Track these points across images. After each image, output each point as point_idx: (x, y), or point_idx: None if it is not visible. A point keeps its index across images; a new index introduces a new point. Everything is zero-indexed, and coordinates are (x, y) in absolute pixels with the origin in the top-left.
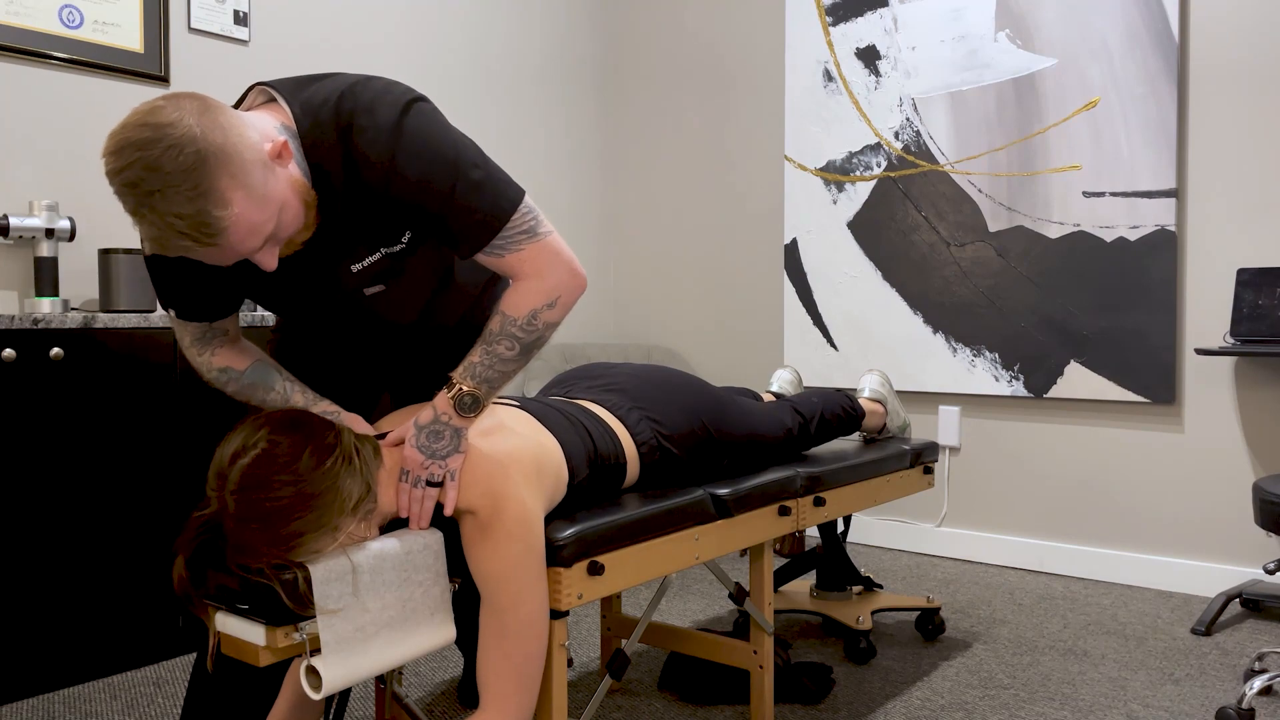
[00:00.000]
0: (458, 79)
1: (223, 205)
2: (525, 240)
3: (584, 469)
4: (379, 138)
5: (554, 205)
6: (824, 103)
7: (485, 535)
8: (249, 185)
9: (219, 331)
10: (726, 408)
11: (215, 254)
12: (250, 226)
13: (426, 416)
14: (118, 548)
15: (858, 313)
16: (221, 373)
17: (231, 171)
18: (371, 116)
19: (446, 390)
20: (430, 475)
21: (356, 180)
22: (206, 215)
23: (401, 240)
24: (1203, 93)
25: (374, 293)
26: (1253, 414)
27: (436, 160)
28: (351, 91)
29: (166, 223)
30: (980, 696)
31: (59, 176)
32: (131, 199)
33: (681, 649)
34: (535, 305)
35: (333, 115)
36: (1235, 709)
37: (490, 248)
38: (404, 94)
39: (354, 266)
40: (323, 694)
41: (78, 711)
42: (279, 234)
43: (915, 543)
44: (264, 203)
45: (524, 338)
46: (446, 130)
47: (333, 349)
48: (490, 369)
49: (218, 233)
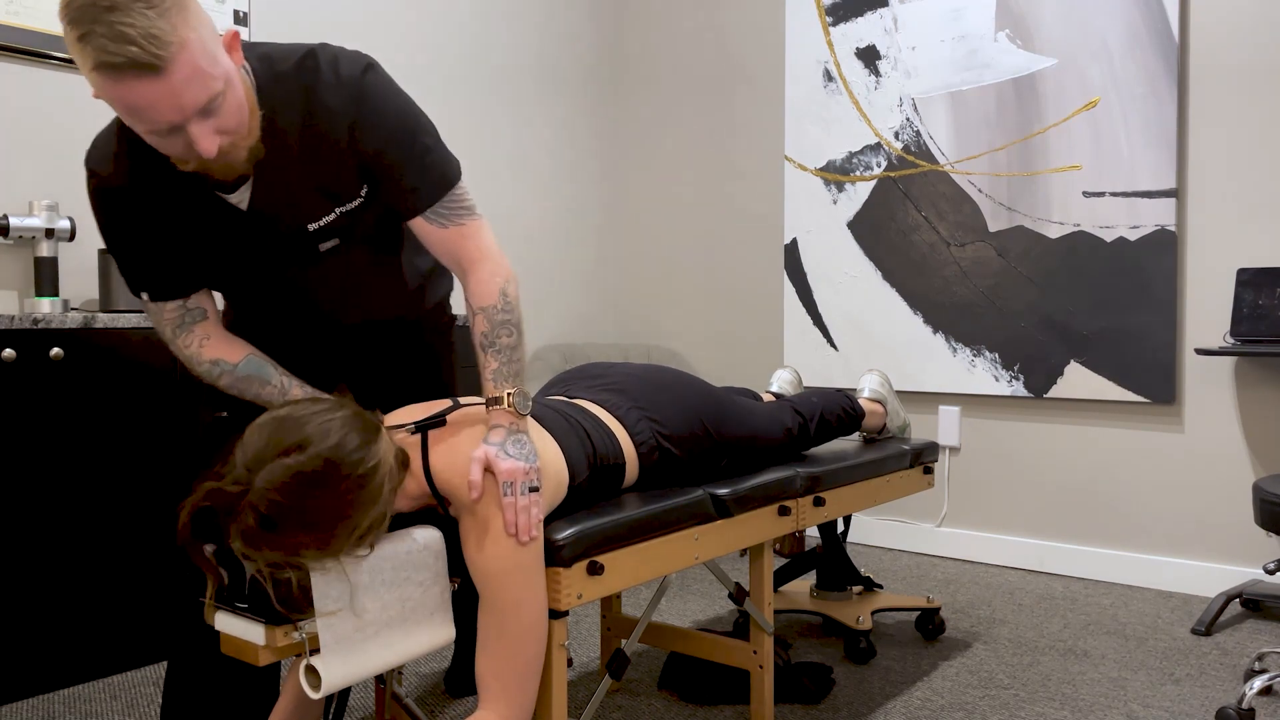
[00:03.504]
0: (458, 79)
1: (174, 32)
2: (466, 216)
3: (584, 471)
4: (343, 91)
5: (554, 205)
6: (824, 103)
7: (486, 535)
8: (201, 36)
9: (197, 314)
10: (726, 408)
11: (158, 95)
12: (196, 70)
13: (499, 434)
14: (117, 548)
15: (858, 313)
16: (214, 365)
17: (184, 15)
18: (335, 72)
19: (497, 404)
20: (532, 481)
21: (315, 133)
22: (158, 30)
23: (359, 194)
24: (1203, 93)
25: (328, 247)
26: (1253, 414)
27: (398, 116)
28: (313, 52)
29: (116, 31)
30: (980, 696)
31: (59, 176)
32: (83, 18)
33: (681, 649)
34: (500, 285)
35: (295, 69)
36: (1235, 709)
37: (435, 211)
38: (363, 57)
39: (310, 225)
40: (322, 693)
41: (78, 711)
42: (223, 118)
43: (915, 543)
44: (213, 60)
45: (510, 319)
46: (402, 93)
47: (289, 330)
48: (511, 364)
49: (165, 53)
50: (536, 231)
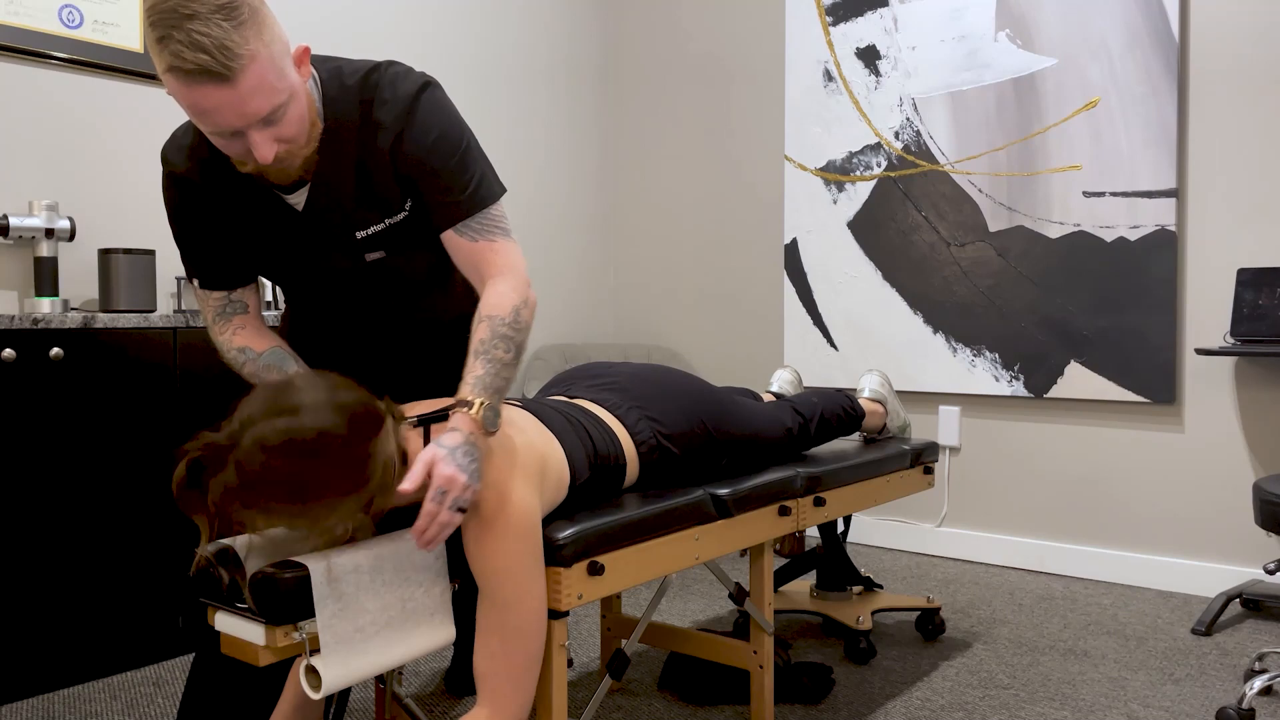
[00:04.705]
0: (459, 80)
1: (245, 45)
2: (499, 234)
3: (585, 471)
4: (396, 107)
5: (554, 205)
6: (824, 103)
7: (487, 531)
8: (271, 49)
9: (239, 306)
10: (726, 407)
11: (225, 102)
12: (263, 82)
13: (455, 438)
14: (117, 548)
15: (858, 313)
16: (240, 352)
17: (259, 29)
18: (394, 89)
19: (465, 410)
20: (465, 499)
21: (368, 145)
22: (231, 43)
23: (404, 208)
24: (1203, 93)
25: (374, 258)
26: (1253, 414)
27: (445, 132)
28: (377, 68)
29: (192, 39)
30: (980, 696)
31: (59, 176)
32: (165, 21)
33: (681, 649)
34: (515, 302)
35: (358, 85)
36: (1235, 709)
37: (467, 225)
38: (421, 75)
39: (359, 233)
40: (322, 694)
41: (78, 711)
42: (283, 127)
43: (915, 543)
44: (280, 74)
45: (514, 336)
46: (455, 113)
47: (335, 337)
48: (497, 377)
49: (235, 65)
50: (536, 231)
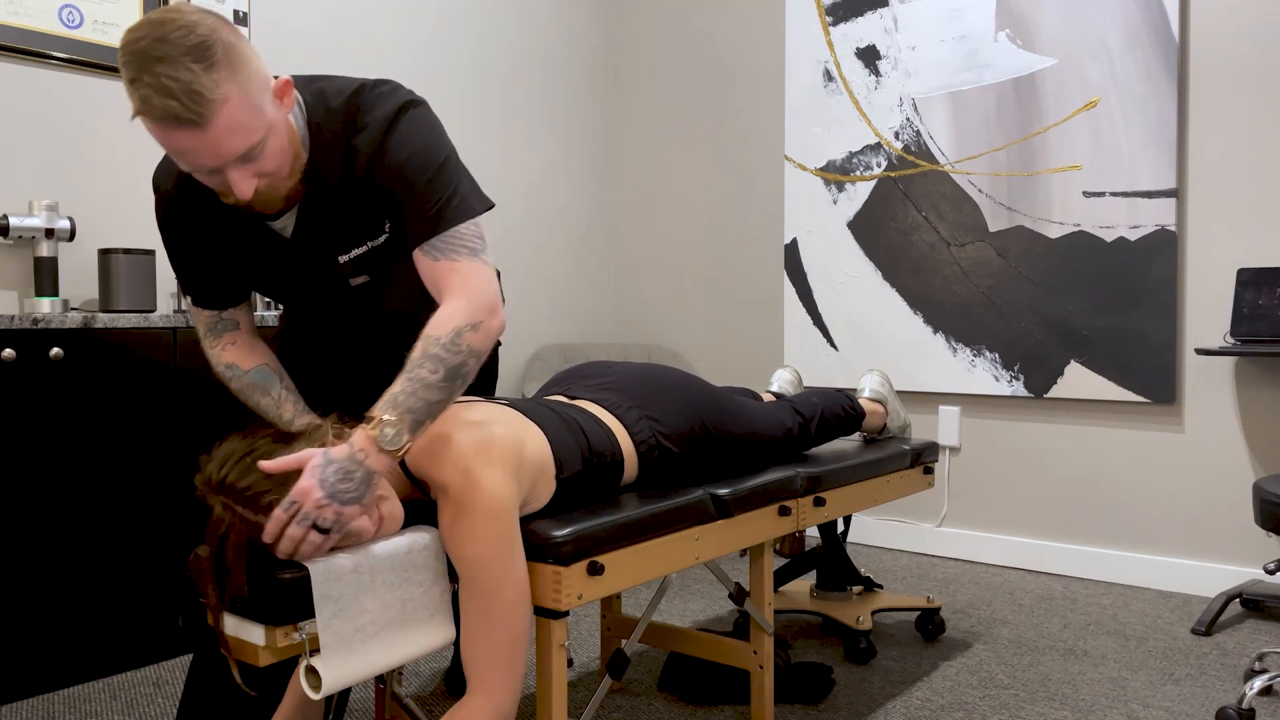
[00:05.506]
0: (458, 80)
1: (216, 89)
2: (465, 254)
3: (576, 463)
4: (375, 127)
5: (554, 205)
6: (824, 103)
7: (461, 515)
8: (246, 89)
9: (229, 323)
10: (726, 407)
11: (198, 144)
12: (237, 124)
13: (341, 451)
14: (117, 548)
15: (858, 313)
16: (228, 368)
17: (233, 68)
18: (372, 113)
19: (365, 425)
20: (321, 519)
21: (351, 172)
22: (200, 87)
23: (384, 230)
24: (1203, 93)
25: (359, 283)
26: (1253, 414)
27: (419, 150)
28: (361, 90)
29: (161, 84)
30: (980, 696)
31: (59, 176)
32: (134, 64)
33: (681, 649)
34: (459, 324)
35: (343, 107)
36: (1235, 709)
37: (431, 244)
38: (405, 95)
39: (342, 258)
40: (322, 694)
41: (78, 711)
42: (262, 162)
43: (915, 543)
44: (256, 113)
45: (448, 359)
46: (435, 132)
47: (330, 353)
48: (413, 396)
49: (205, 110)
50: (536, 231)
